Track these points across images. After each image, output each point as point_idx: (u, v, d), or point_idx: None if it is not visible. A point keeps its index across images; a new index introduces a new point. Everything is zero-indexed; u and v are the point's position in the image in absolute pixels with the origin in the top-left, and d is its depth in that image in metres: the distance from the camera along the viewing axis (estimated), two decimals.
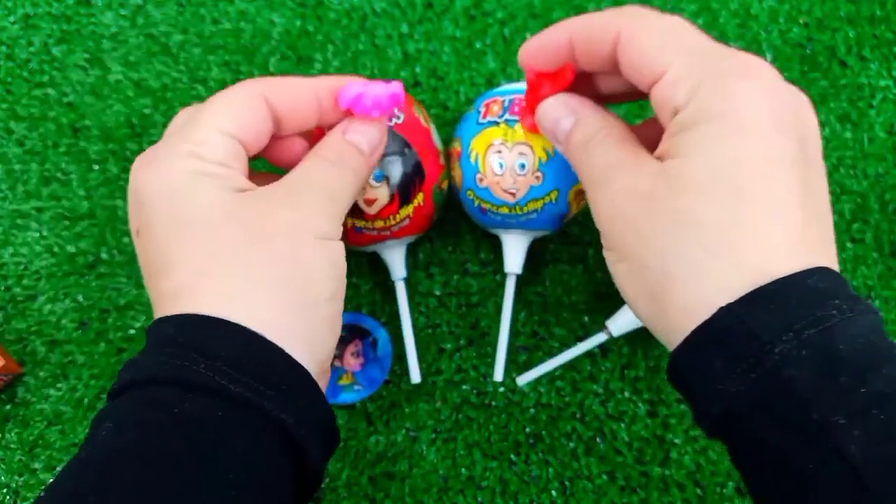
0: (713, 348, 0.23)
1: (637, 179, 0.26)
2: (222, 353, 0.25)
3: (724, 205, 0.23)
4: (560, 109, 0.31)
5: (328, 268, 0.28)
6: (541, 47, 0.29)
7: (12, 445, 0.40)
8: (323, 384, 0.28)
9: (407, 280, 0.41)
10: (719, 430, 0.24)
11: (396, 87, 0.34)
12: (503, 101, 0.37)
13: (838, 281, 0.23)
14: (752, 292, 0.22)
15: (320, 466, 0.27)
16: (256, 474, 0.24)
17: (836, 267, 0.24)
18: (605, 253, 0.28)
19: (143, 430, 0.23)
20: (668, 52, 0.26)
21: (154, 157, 0.28)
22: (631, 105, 0.45)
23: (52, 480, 0.23)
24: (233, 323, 0.25)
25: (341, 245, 0.29)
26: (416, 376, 0.40)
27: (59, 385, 0.41)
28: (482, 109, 0.38)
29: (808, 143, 0.25)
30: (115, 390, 0.25)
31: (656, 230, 0.25)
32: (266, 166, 0.34)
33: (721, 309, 0.23)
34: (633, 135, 0.29)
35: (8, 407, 0.41)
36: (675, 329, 0.24)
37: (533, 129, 0.35)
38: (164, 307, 0.26)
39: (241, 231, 0.27)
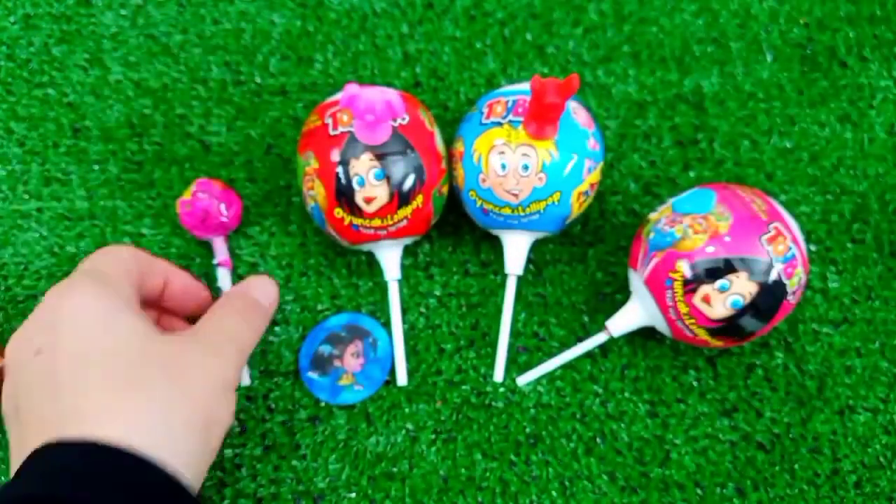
0: None
1: None
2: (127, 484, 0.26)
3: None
4: None
5: (229, 416, 0.32)
6: None
7: None
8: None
9: (401, 283, 0.41)
10: None
11: (392, 95, 0.34)
12: (506, 102, 0.37)
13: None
14: None
15: None
16: None
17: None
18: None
19: None
20: None
21: (70, 287, 0.31)
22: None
23: None
24: (144, 458, 0.27)
25: (236, 393, 0.33)
26: (402, 379, 0.40)
27: None
28: (485, 110, 0.38)
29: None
30: None
31: None
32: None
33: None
34: None
35: None
36: None
37: (537, 136, 0.35)
38: (63, 428, 0.27)
39: (159, 371, 0.30)
